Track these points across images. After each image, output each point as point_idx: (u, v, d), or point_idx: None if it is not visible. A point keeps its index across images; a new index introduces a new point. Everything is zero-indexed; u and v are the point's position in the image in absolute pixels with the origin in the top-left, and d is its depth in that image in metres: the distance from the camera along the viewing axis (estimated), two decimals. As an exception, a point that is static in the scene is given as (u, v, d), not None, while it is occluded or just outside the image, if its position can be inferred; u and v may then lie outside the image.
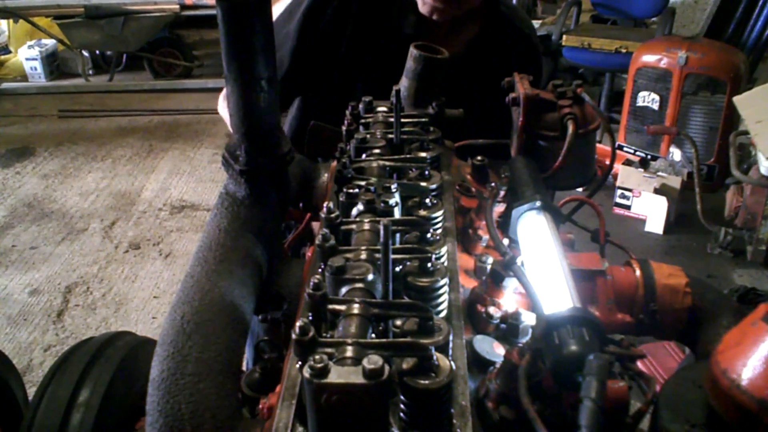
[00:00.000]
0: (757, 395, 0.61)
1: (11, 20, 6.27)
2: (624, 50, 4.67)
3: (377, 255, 0.74)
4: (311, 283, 0.66)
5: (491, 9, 1.62)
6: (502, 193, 1.09)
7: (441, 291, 0.76)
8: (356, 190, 0.89)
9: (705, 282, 1.05)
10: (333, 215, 0.82)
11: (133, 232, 4.00)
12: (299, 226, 1.29)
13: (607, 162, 1.26)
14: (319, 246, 0.77)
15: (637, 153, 4.28)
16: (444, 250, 0.83)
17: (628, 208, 3.94)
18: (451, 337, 0.68)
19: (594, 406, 0.64)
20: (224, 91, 1.68)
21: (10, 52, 6.71)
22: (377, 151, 1.03)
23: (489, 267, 0.93)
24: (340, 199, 0.90)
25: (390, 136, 1.06)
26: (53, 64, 6.50)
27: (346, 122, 1.12)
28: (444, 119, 1.21)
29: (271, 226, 1.05)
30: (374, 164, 0.98)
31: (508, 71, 1.33)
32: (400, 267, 0.76)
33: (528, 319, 0.87)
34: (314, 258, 0.89)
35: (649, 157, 4.18)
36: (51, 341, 3.08)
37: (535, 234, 0.99)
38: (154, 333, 2.92)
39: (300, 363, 0.62)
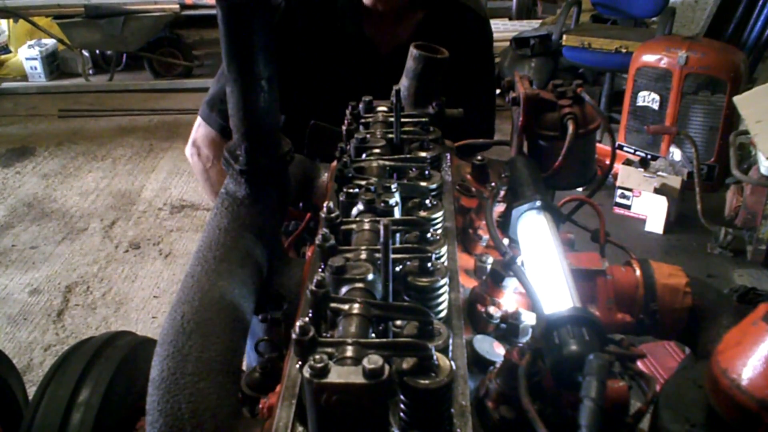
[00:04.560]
0: (757, 395, 0.61)
1: (11, 20, 6.27)
2: (624, 50, 4.67)
3: (377, 255, 0.74)
4: (314, 280, 0.66)
5: None
6: (502, 193, 1.09)
7: (441, 291, 0.76)
8: (356, 190, 0.89)
9: (705, 282, 1.05)
10: (333, 215, 0.82)
11: (133, 232, 4.00)
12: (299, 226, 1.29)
13: (607, 162, 1.26)
14: (319, 246, 0.77)
15: (637, 153, 4.27)
16: (444, 249, 0.83)
17: (628, 207, 3.94)
18: (451, 339, 0.69)
19: (594, 406, 0.64)
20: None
21: (10, 51, 6.71)
22: (377, 150, 1.03)
23: (489, 267, 0.93)
24: (340, 198, 0.90)
25: (390, 135, 1.06)
26: (53, 63, 6.50)
27: (346, 122, 1.12)
28: (444, 119, 1.21)
29: (271, 226, 1.05)
30: (374, 164, 0.98)
31: (460, 48, 1.36)
32: (400, 267, 0.76)
33: (528, 319, 0.87)
34: (314, 258, 0.89)
35: (649, 156, 4.18)
36: (51, 341, 3.08)
37: (535, 234, 0.99)
38: (154, 333, 2.91)
39: (300, 363, 0.62)
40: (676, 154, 4.07)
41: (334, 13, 1.61)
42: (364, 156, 1.03)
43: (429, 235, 0.82)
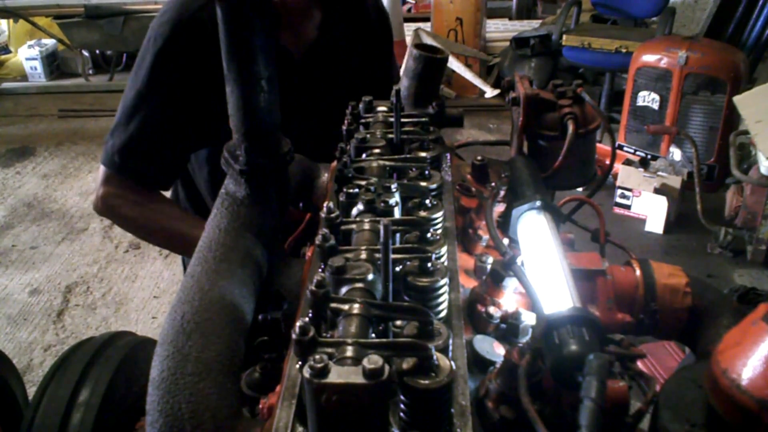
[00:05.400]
0: (757, 395, 0.61)
1: (11, 20, 6.27)
2: (624, 50, 4.67)
3: (377, 255, 0.74)
4: (314, 280, 0.67)
5: None
6: (502, 193, 1.09)
7: (441, 291, 0.76)
8: (356, 190, 0.89)
9: (705, 282, 1.05)
10: (333, 215, 0.82)
11: (133, 232, 4.00)
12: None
13: (607, 162, 1.27)
14: (319, 246, 0.77)
15: (637, 153, 4.28)
16: (444, 249, 0.83)
17: (628, 207, 3.95)
18: (450, 339, 0.68)
19: (594, 406, 0.64)
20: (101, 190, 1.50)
21: (10, 51, 6.72)
22: (377, 150, 1.03)
23: (489, 267, 0.93)
24: (340, 198, 0.90)
25: (390, 135, 1.06)
26: (53, 63, 6.50)
27: (346, 122, 1.12)
28: (444, 119, 1.21)
29: (271, 226, 1.05)
30: (374, 164, 0.98)
31: (366, 36, 1.45)
32: (400, 267, 0.76)
33: (528, 319, 0.87)
34: (314, 258, 0.89)
35: (649, 156, 4.18)
36: (51, 341, 3.08)
37: (535, 234, 0.99)
38: (154, 333, 2.92)
39: (300, 363, 0.62)
40: (676, 154, 4.07)
41: None
42: (364, 156, 1.03)
43: (429, 235, 0.82)
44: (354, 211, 0.87)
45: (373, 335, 0.66)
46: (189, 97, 1.45)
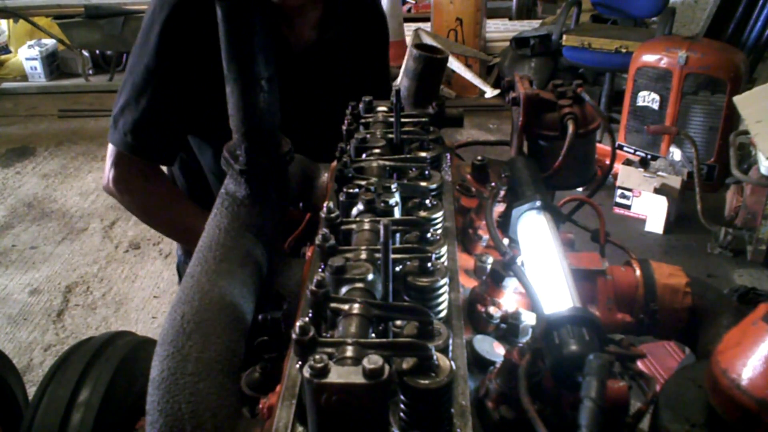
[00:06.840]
0: (757, 395, 0.61)
1: (11, 20, 6.27)
2: (624, 50, 4.67)
3: (377, 255, 0.74)
4: (314, 280, 0.67)
5: None
6: (502, 193, 1.09)
7: (441, 291, 0.76)
8: (356, 190, 0.89)
9: (705, 282, 1.05)
10: (333, 215, 0.82)
11: (133, 232, 4.00)
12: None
13: (607, 162, 1.26)
14: (319, 246, 0.77)
15: (637, 153, 4.28)
16: (444, 249, 0.83)
17: (628, 207, 3.95)
18: (450, 339, 0.69)
19: (594, 406, 0.64)
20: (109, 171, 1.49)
21: (10, 51, 6.72)
22: (377, 150, 1.03)
23: (489, 267, 0.93)
24: (340, 198, 0.90)
25: (390, 135, 1.06)
26: (53, 63, 6.50)
27: (346, 122, 1.12)
28: (444, 119, 1.21)
29: (271, 226, 1.05)
30: (374, 164, 0.98)
31: (364, 38, 1.46)
32: (400, 267, 0.76)
33: (528, 319, 0.87)
34: (314, 258, 0.89)
35: (649, 156, 4.18)
36: (51, 341, 3.08)
37: (535, 234, 0.99)
38: (154, 333, 2.92)
39: (300, 363, 0.62)
40: (676, 154, 4.07)
41: None
42: (364, 156, 1.03)
43: (429, 235, 0.82)
44: (354, 211, 0.87)
45: (373, 335, 0.66)
46: (199, 65, 1.39)
